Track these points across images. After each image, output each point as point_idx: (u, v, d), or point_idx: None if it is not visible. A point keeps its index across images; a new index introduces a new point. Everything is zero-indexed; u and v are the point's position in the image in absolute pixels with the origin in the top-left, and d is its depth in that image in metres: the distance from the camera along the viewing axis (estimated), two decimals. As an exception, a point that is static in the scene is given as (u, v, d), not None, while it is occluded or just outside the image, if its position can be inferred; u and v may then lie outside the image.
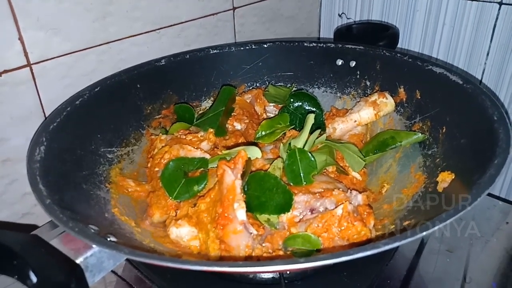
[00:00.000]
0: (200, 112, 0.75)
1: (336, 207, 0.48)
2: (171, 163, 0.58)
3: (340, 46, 0.75)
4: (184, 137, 0.64)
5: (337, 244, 0.47)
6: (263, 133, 0.66)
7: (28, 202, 0.64)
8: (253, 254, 0.47)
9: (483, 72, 0.88)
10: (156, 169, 0.59)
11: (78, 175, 0.52)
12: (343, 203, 0.48)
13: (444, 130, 0.56)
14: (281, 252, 0.48)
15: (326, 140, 0.63)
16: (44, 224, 0.66)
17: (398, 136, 0.62)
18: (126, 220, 0.52)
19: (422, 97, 0.63)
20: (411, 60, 0.65)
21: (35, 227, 0.66)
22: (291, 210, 0.50)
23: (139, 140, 0.67)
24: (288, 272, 0.51)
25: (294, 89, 0.77)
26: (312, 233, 0.47)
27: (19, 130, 0.60)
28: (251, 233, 0.47)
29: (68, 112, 0.55)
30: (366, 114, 0.66)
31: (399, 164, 0.62)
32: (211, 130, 0.65)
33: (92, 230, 0.40)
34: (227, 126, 0.70)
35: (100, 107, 0.60)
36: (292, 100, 0.71)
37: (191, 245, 0.51)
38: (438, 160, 0.55)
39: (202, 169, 0.59)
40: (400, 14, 0.96)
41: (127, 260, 0.45)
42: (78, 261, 0.36)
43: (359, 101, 0.69)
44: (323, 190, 0.53)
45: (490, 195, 0.67)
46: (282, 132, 0.66)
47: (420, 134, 0.60)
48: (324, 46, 0.76)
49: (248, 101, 0.76)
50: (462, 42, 0.88)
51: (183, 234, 0.51)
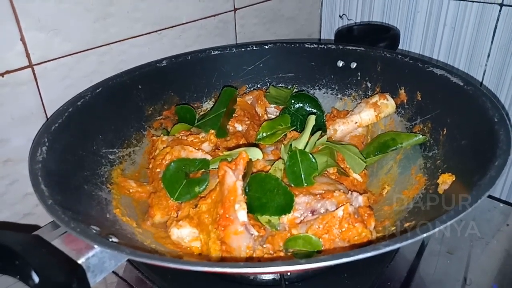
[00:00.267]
0: (201, 113, 0.75)
1: (337, 209, 0.48)
2: (172, 164, 0.58)
3: (341, 47, 0.75)
4: (185, 138, 0.64)
5: (337, 245, 0.47)
6: (264, 134, 0.66)
7: (30, 202, 0.64)
8: (254, 255, 0.47)
9: (484, 74, 0.88)
10: (158, 170, 0.60)
11: (79, 175, 0.53)
12: (344, 205, 0.48)
13: (445, 132, 0.56)
14: (282, 253, 0.48)
15: (327, 141, 0.63)
16: (45, 224, 0.65)
17: (399, 137, 0.62)
18: (127, 220, 0.52)
19: (423, 98, 0.63)
20: (412, 61, 0.65)
21: (37, 227, 0.66)
22: (292, 212, 0.50)
23: (141, 141, 0.67)
24: (289, 273, 0.51)
25: (295, 90, 0.77)
26: (313, 234, 0.47)
27: (20, 131, 0.60)
28: (252, 234, 0.48)
29: (70, 113, 0.55)
30: (367, 115, 0.66)
31: (399, 166, 0.62)
32: (212, 131, 0.65)
33: (94, 231, 0.41)
34: (228, 127, 0.70)
35: (102, 108, 0.61)
36: (293, 101, 0.71)
37: (192, 246, 0.51)
38: (439, 161, 0.55)
39: (203, 170, 0.59)
40: (401, 16, 0.96)
41: (128, 260, 0.45)
42: (79, 261, 0.36)
43: (360, 102, 0.69)
44: (324, 192, 0.53)
45: (491, 197, 0.67)
46: (283, 134, 0.66)
47: (421, 136, 0.60)
48: (325, 47, 0.76)
49: (249, 102, 0.77)
50: (462, 43, 0.88)
51: (184, 235, 0.51)
